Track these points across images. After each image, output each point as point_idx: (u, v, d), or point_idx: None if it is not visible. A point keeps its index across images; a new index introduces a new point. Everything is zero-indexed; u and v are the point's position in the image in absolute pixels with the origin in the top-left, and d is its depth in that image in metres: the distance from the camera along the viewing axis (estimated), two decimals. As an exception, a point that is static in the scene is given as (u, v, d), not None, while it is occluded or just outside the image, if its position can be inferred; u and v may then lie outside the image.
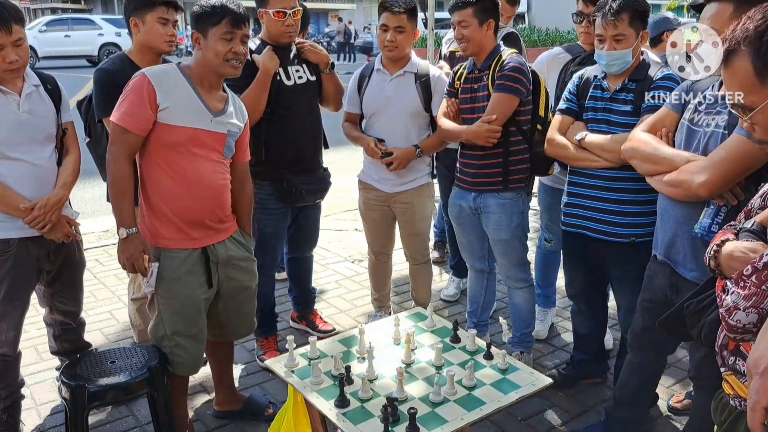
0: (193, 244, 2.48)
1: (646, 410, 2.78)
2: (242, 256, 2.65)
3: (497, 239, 3.11)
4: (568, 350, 3.50)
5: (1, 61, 2.42)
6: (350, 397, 1.86)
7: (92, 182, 3.62)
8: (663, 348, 2.60)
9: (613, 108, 2.63)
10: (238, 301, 2.67)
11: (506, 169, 2.99)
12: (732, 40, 1.37)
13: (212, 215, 2.50)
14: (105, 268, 4.80)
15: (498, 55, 2.95)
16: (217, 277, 2.56)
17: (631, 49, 2.53)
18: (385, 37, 3.17)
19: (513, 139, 2.97)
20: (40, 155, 2.60)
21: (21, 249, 2.58)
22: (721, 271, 1.50)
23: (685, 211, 2.20)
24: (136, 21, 2.86)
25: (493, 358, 2.10)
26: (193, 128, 2.39)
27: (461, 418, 1.79)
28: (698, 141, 2.17)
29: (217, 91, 2.50)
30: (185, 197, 2.42)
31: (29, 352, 3.48)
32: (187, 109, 2.38)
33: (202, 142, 2.42)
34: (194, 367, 2.63)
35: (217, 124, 2.45)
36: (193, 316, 2.51)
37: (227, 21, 2.35)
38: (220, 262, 2.56)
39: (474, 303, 3.45)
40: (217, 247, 2.55)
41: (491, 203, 3.04)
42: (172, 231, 2.45)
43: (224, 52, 2.36)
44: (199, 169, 2.42)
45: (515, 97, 2.88)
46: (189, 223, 2.45)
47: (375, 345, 2.12)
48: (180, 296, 2.47)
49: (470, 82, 3.05)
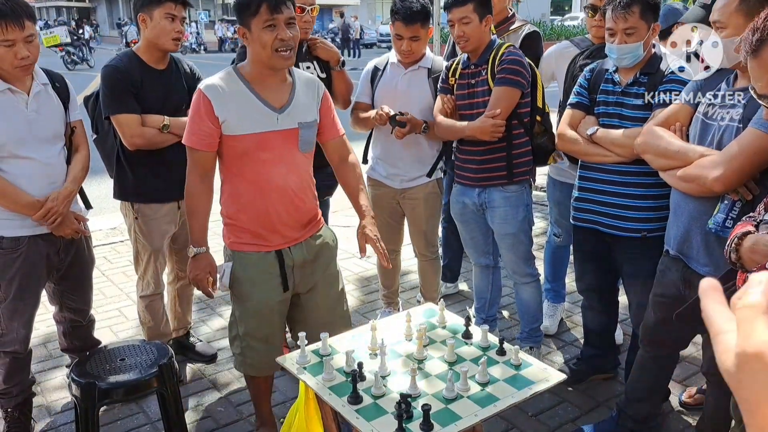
0: (267, 248, 2.40)
1: (658, 405, 2.77)
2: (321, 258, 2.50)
3: (504, 233, 3.09)
4: (578, 345, 3.48)
5: (13, 57, 2.41)
6: (363, 394, 1.85)
7: (99, 179, 3.62)
8: (675, 343, 2.58)
9: (624, 102, 2.60)
10: (322, 303, 2.53)
11: (510, 162, 2.97)
12: (764, 30, 1.34)
13: (286, 220, 2.39)
14: (113, 265, 4.80)
15: (494, 49, 2.93)
16: (293, 280, 2.47)
17: (642, 42, 2.50)
18: (401, 46, 3.15)
19: (515, 132, 2.96)
20: (49, 153, 2.60)
21: (31, 247, 2.58)
22: (742, 264, 1.48)
23: (699, 206, 2.18)
24: (144, 16, 2.85)
25: (506, 354, 2.09)
26: (257, 133, 2.29)
27: (475, 414, 1.78)
28: (712, 135, 2.15)
29: (280, 83, 2.35)
30: (257, 204, 2.35)
31: (39, 349, 3.49)
32: (247, 115, 2.28)
33: (271, 145, 2.30)
34: (264, 370, 2.55)
35: (285, 120, 2.31)
36: (266, 318, 2.46)
37: (266, 7, 2.17)
38: (296, 266, 2.45)
39: (481, 299, 3.44)
40: (293, 250, 2.44)
41: (496, 197, 3.03)
42: (246, 235, 2.40)
43: (270, 41, 2.19)
44: (270, 175, 2.32)
45: (517, 89, 2.87)
46: (262, 228, 2.38)
47: (387, 341, 2.11)
48: (252, 298, 2.42)
49: (467, 77, 3.01)
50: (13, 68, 2.44)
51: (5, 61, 2.41)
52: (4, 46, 2.39)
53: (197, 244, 2.40)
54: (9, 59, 2.41)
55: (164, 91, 2.96)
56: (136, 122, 2.85)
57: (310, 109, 2.39)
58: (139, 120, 2.86)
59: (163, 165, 2.98)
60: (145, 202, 3.02)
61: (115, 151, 2.99)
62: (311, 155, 2.45)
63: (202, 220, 2.41)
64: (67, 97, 2.74)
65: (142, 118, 2.87)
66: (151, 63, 2.93)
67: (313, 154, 2.45)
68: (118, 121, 2.85)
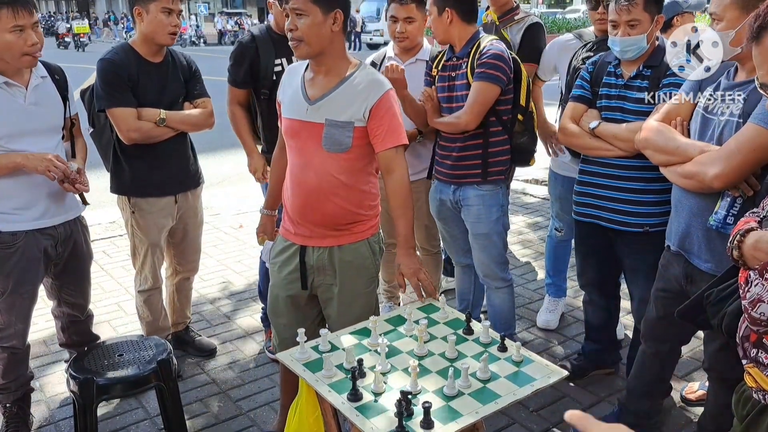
0: (293, 238, 2.38)
1: (659, 401, 2.75)
2: (344, 275, 2.34)
3: (476, 233, 3.00)
4: (579, 340, 3.47)
5: (23, 44, 2.40)
6: (363, 391, 1.83)
7: (97, 173, 3.59)
8: (677, 338, 2.57)
9: (627, 95, 2.57)
10: (335, 319, 2.39)
11: (485, 160, 2.89)
12: (766, 17, 1.31)
13: (304, 215, 2.31)
14: (112, 259, 4.79)
15: (477, 42, 2.84)
16: (312, 281, 2.39)
17: (645, 34, 2.47)
18: (395, 28, 3.11)
19: (492, 129, 2.87)
20: (46, 146, 2.58)
21: (29, 241, 2.56)
22: (744, 261, 1.46)
23: (700, 203, 2.16)
24: (140, 10, 2.82)
25: (507, 350, 2.07)
26: (289, 119, 2.29)
27: (476, 411, 1.76)
28: (713, 130, 2.13)
29: (329, 76, 2.24)
30: (288, 190, 2.37)
31: (38, 344, 3.48)
32: (291, 99, 2.30)
33: (296, 134, 2.27)
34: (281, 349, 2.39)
35: (313, 113, 2.22)
36: (279, 307, 2.45)
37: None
38: (316, 267, 2.36)
39: (463, 301, 3.36)
40: (314, 250, 2.34)
41: (470, 195, 2.95)
42: (285, 218, 2.42)
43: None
44: (293, 163, 2.32)
45: (496, 85, 2.76)
46: (290, 216, 2.37)
47: (387, 337, 2.10)
48: (273, 283, 2.45)
49: (448, 69, 2.94)
50: (22, 56, 2.42)
51: (15, 47, 2.40)
52: (15, 32, 2.38)
53: (264, 205, 2.67)
54: (19, 46, 2.40)
55: (160, 85, 2.94)
56: (132, 116, 2.83)
57: (349, 110, 2.21)
58: (134, 114, 2.83)
59: (159, 159, 2.96)
60: (142, 196, 3.00)
61: (112, 145, 2.97)
62: (346, 158, 2.24)
63: (272, 186, 2.60)
64: (66, 90, 2.72)
65: (138, 111, 2.84)
66: (148, 56, 2.91)
67: (351, 157, 2.25)
68: (113, 115, 2.83)
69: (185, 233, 3.22)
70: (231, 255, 4.93)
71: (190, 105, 3.05)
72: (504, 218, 3.02)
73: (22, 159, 2.46)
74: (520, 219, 5.63)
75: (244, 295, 4.21)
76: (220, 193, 6.63)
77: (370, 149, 2.27)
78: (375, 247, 2.43)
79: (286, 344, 2.35)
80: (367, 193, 2.35)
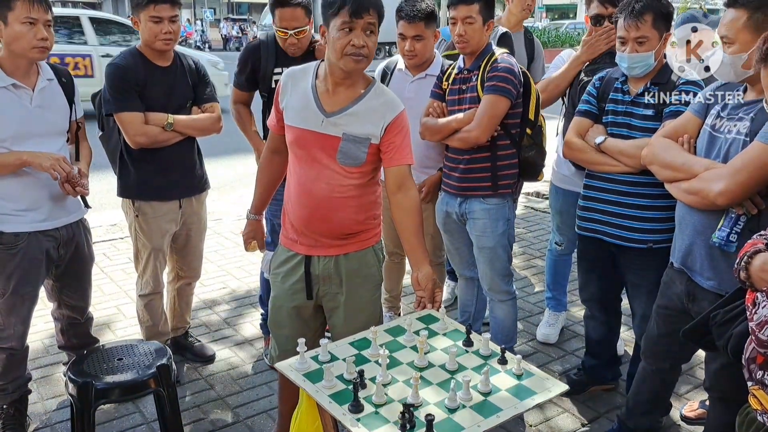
0: (297, 248, 2.36)
1: (659, 419, 2.74)
2: (349, 283, 2.35)
3: (481, 246, 2.99)
4: (578, 355, 3.46)
5: (32, 37, 2.43)
6: (364, 402, 1.82)
7: (98, 175, 3.60)
8: (678, 356, 2.56)
9: (634, 112, 2.58)
10: (340, 329, 2.38)
11: (494, 173, 2.88)
12: None
13: (310, 225, 2.30)
14: (112, 262, 4.78)
15: (489, 55, 2.83)
16: (317, 291, 2.38)
17: (653, 51, 2.48)
18: (404, 46, 3.11)
19: (500, 143, 2.86)
20: (50, 148, 2.58)
21: (30, 243, 2.56)
22: (751, 283, 1.46)
23: (704, 220, 2.16)
24: (134, 19, 2.88)
25: (508, 363, 2.06)
26: (299, 128, 2.24)
27: (478, 425, 1.75)
28: (719, 148, 2.13)
29: (347, 89, 2.23)
30: (291, 199, 2.34)
31: (36, 346, 3.46)
32: (299, 108, 2.25)
33: (307, 145, 2.24)
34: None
35: (329, 126, 2.21)
36: (281, 318, 2.42)
37: (347, 9, 2.05)
38: (322, 277, 2.35)
39: (465, 312, 3.35)
40: (320, 260, 2.34)
41: (476, 208, 2.94)
42: (287, 227, 2.40)
43: (343, 46, 2.09)
44: (301, 173, 2.28)
45: (506, 99, 2.76)
46: (294, 226, 2.35)
47: (388, 348, 2.09)
48: (275, 294, 2.43)
49: (458, 82, 2.93)
50: (30, 48, 2.44)
51: (24, 39, 2.42)
52: (26, 23, 2.40)
53: (251, 210, 2.62)
54: (29, 38, 2.42)
55: (168, 89, 2.94)
56: (139, 120, 2.83)
57: (368, 126, 2.23)
58: (142, 118, 2.84)
59: (165, 163, 2.96)
60: (146, 200, 3.00)
61: (119, 149, 2.97)
62: (358, 171, 2.26)
63: (260, 190, 2.57)
64: (73, 93, 2.72)
65: (145, 116, 2.85)
66: (155, 60, 2.92)
67: (364, 171, 2.27)
68: (121, 119, 2.83)
69: (188, 239, 3.21)
70: (232, 260, 4.93)
71: (198, 109, 3.06)
72: (510, 232, 3.01)
73: (29, 156, 2.47)
74: (520, 232, 5.63)
75: (244, 302, 4.20)
76: (222, 198, 6.63)
77: (378, 163, 2.31)
78: (379, 255, 2.45)
79: (287, 356, 2.32)
80: (374, 202, 2.37)
